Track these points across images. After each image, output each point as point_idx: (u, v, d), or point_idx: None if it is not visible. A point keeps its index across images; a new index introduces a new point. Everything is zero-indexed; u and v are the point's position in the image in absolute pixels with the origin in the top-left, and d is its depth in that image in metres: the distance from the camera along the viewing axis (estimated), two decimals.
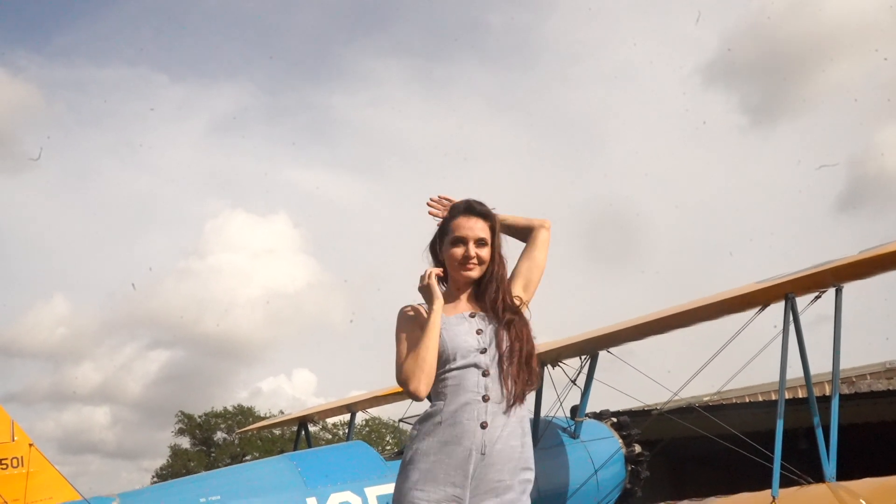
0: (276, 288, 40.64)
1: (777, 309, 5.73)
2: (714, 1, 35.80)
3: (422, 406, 2.91)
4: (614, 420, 7.77)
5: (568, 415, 7.43)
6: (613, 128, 38.74)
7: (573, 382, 7.24)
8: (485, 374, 2.81)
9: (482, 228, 2.97)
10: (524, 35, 37.47)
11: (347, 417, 10.66)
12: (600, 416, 7.84)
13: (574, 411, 7.40)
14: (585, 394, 7.29)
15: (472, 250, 2.94)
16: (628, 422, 7.77)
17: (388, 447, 28.03)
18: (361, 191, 42.09)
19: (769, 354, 5.80)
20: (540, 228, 3.14)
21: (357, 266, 39.69)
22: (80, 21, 42.66)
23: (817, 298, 5.75)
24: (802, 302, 5.71)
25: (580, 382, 7.26)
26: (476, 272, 2.96)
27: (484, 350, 2.85)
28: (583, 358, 7.20)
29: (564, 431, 7.32)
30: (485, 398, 2.78)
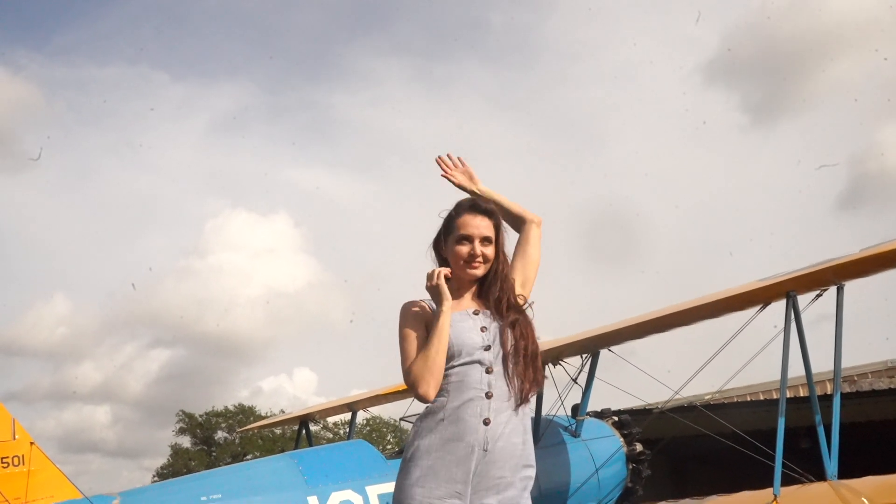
0: (277, 287, 40.75)
1: (778, 307, 5.72)
2: (714, 0, 35.81)
3: (423, 405, 2.89)
4: (615, 419, 7.77)
5: (569, 413, 7.42)
6: (613, 127, 38.80)
7: (574, 381, 7.24)
8: (488, 371, 2.81)
9: (487, 227, 2.97)
10: (524, 35, 37.51)
11: (348, 416, 10.65)
12: (601, 415, 7.83)
13: (575, 410, 7.40)
14: (586, 392, 7.29)
15: (478, 248, 2.93)
16: (629, 420, 7.77)
17: (389, 446, 28.05)
18: (362, 190, 42.15)
19: (770, 353, 5.80)
20: (531, 224, 3.13)
21: (357, 266, 39.78)
22: (81, 20, 42.75)
23: (819, 297, 5.74)
24: (804, 300, 5.70)
25: (581, 381, 7.26)
26: (481, 270, 2.95)
27: (488, 347, 2.84)
28: (584, 356, 7.20)
29: (566, 430, 7.31)
30: (488, 395, 2.78)
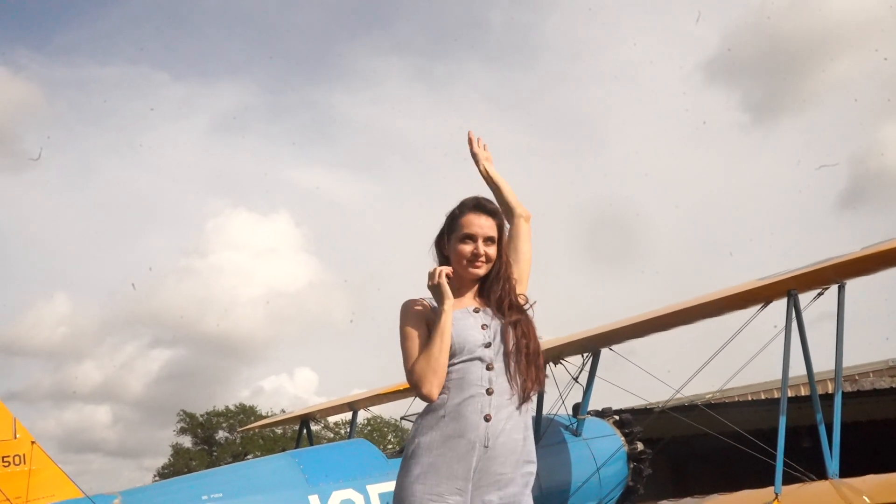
0: (278, 287, 40.74)
1: (779, 307, 5.71)
2: (714, 0, 35.79)
3: (423, 403, 2.90)
4: (616, 418, 7.77)
5: (570, 412, 7.42)
6: (614, 127, 38.78)
7: (575, 380, 7.24)
8: (488, 368, 2.81)
9: (491, 227, 2.98)
10: (525, 34, 37.48)
11: (349, 416, 10.64)
12: (602, 414, 7.82)
13: (576, 409, 7.40)
14: (587, 391, 7.29)
15: (481, 248, 2.94)
16: (630, 419, 7.76)
17: (391, 446, 28.03)
18: (362, 190, 42.11)
19: (771, 352, 5.79)
20: (521, 218, 3.14)
21: (358, 265, 39.76)
22: (81, 20, 42.74)
23: (820, 295, 5.73)
24: (805, 299, 5.69)
25: (582, 380, 7.26)
26: (483, 270, 2.96)
27: (488, 344, 2.85)
28: (585, 355, 7.20)
29: (567, 429, 7.31)
30: (488, 391, 2.78)
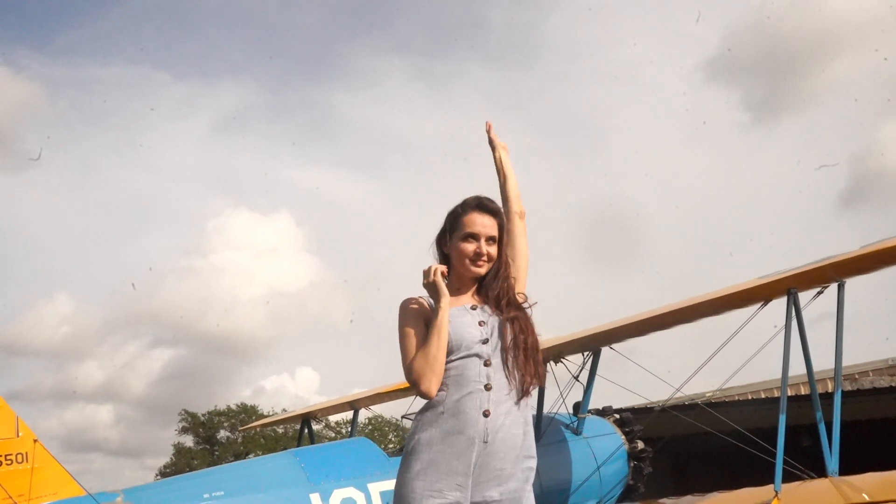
0: (279, 287, 40.74)
1: (779, 307, 5.72)
2: (715, 0, 35.77)
3: (423, 402, 2.92)
4: (617, 416, 7.78)
5: (570, 411, 7.43)
6: (614, 127, 38.77)
7: (576, 379, 7.25)
8: (486, 364, 2.83)
9: (493, 226, 3.01)
10: (525, 34, 37.47)
11: (350, 415, 10.65)
12: (603, 413, 7.83)
13: (577, 407, 7.41)
14: (588, 390, 7.30)
15: (484, 248, 2.97)
16: (631, 418, 7.77)
17: (391, 445, 28.06)
18: (363, 190, 42.13)
19: (771, 352, 5.80)
20: (516, 214, 3.17)
21: (358, 265, 39.79)
22: (82, 20, 42.76)
23: (820, 294, 5.74)
24: (805, 297, 5.70)
25: (583, 379, 7.27)
26: (485, 269, 2.99)
27: (486, 340, 2.87)
28: (585, 354, 7.21)
29: (567, 428, 7.31)
30: (487, 387, 2.80)
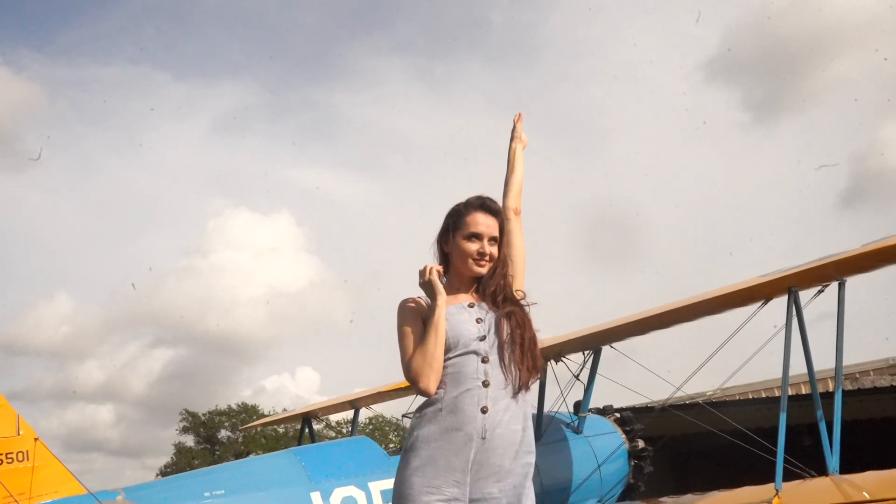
0: (279, 286, 40.74)
1: (780, 307, 5.72)
2: (715, 0, 35.73)
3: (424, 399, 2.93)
4: (617, 415, 7.77)
5: (571, 410, 7.43)
6: (614, 127, 38.74)
7: (576, 378, 7.26)
8: (484, 361, 2.84)
9: (495, 227, 3.04)
10: (525, 33, 37.45)
11: (350, 415, 10.66)
12: (604, 412, 7.83)
13: (577, 406, 7.41)
14: (588, 389, 7.31)
15: (487, 247, 3.00)
16: (631, 417, 7.77)
17: (392, 445, 28.06)
18: (363, 190, 42.12)
19: (772, 352, 5.80)
20: (511, 210, 3.17)
21: (359, 265, 39.80)
22: (83, 20, 42.74)
23: (820, 292, 5.74)
24: (805, 296, 5.70)
25: (583, 378, 7.28)
26: (486, 269, 3.01)
27: (483, 337, 2.88)
28: (586, 353, 7.22)
29: (568, 427, 7.32)
30: (485, 384, 2.81)
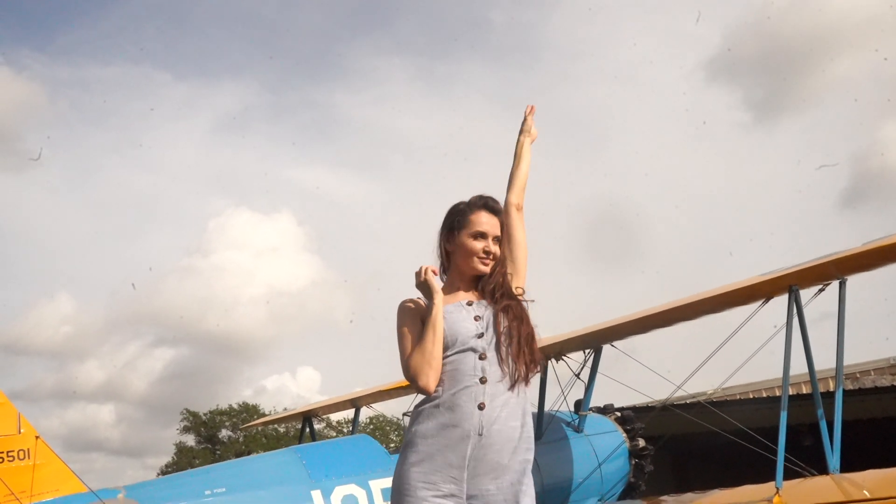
0: (280, 286, 40.74)
1: (780, 306, 5.72)
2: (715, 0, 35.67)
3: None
4: (618, 414, 7.78)
5: (572, 409, 7.43)
6: (614, 127, 38.72)
7: (577, 376, 7.26)
8: (481, 357, 2.85)
9: (497, 226, 3.06)
10: (525, 33, 37.43)
11: (351, 414, 10.66)
12: (604, 411, 7.83)
13: (578, 405, 7.41)
14: (589, 388, 7.30)
15: (492, 246, 3.01)
16: (632, 416, 7.78)
17: (393, 444, 28.07)
18: (364, 189, 42.11)
19: (773, 352, 5.80)
20: (512, 206, 3.17)
21: (359, 265, 39.81)
22: (83, 20, 42.74)
23: (821, 291, 5.74)
24: (806, 295, 5.70)
25: (584, 377, 7.28)
26: (489, 268, 3.02)
27: (481, 335, 2.89)
28: (586, 352, 7.22)
29: (568, 425, 7.32)
30: (482, 380, 2.82)
